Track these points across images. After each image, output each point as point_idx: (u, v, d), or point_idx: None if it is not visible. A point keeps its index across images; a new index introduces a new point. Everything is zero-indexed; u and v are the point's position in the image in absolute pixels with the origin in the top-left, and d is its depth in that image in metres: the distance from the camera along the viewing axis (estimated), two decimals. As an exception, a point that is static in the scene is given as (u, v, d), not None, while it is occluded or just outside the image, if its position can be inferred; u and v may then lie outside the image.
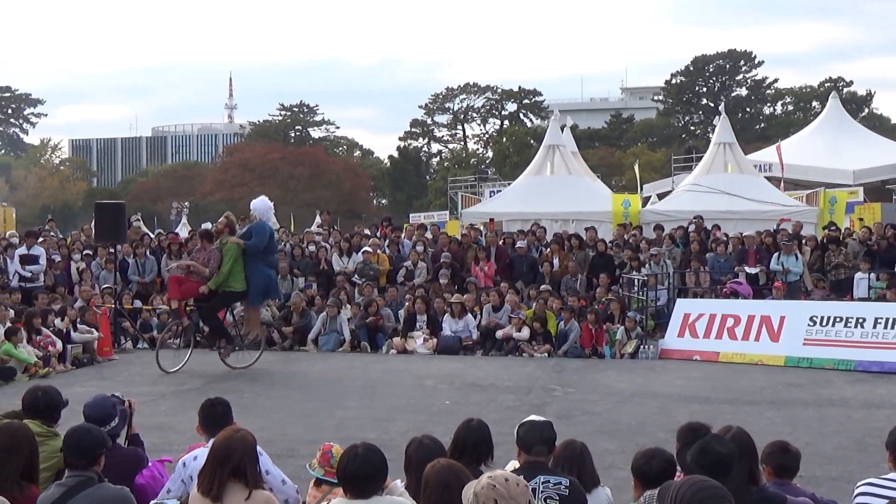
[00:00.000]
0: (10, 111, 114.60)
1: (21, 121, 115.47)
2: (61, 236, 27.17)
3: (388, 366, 18.41)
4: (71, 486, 5.59)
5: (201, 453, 6.20)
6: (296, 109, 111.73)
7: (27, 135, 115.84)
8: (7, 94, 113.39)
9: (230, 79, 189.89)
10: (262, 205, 17.49)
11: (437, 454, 5.52)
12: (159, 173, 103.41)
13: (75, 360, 18.18)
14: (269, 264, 17.76)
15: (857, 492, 5.95)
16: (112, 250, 22.07)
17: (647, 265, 22.00)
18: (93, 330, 18.87)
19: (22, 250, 21.55)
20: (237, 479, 5.50)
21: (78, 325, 18.75)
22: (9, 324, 17.31)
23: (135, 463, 6.84)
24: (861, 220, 29.46)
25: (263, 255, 17.16)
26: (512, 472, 5.37)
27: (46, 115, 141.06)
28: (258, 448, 6.20)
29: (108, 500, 5.59)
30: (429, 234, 25.16)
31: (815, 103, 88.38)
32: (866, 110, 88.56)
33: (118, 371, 17.55)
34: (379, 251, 23.09)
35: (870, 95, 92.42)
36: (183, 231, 34.32)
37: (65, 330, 18.31)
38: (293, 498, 6.50)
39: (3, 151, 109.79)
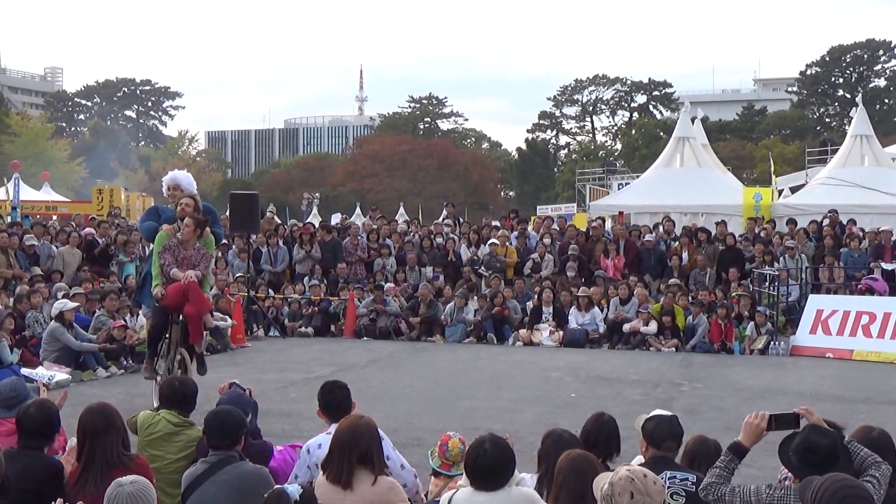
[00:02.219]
0: (149, 104, 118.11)
1: (160, 113, 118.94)
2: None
3: (513, 357, 18.46)
4: (213, 463, 5.98)
5: (325, 440, 6.35)
6: (425, 101, 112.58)
7: (165, 127, 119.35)
8: (147, 88, 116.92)
9: (361, 71, 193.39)
10: (191, 180, 13.23)
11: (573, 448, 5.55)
12: (291, 164, 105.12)
13: (209, 346, 18.60)
14: None
15: None
16: (246, 240, 22.59)
17: (780, 259, 21.59)
18: (226, 317, 19.34)
19: (160, 239, 22.23)
20: (364, 465, 5.61)
21: (213, 313, 19.22)
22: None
23: (264, 456, 7.02)
24: None
25: None
26: (639, 466, 5.39)
27: (184, 108, 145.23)
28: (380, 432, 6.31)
29: (248, 476, 5.94)
30: (555, 227, 25.11)
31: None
32: None
33: (250, 358, 17.98)
34: (507, 243, 23.14)
35: None
36: (314, 221, 34.87)
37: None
38: (412, 482, 6.59)
39: (143, 143, 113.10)
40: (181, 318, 11.77)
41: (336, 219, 35.19)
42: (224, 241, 23.64)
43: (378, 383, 14.94)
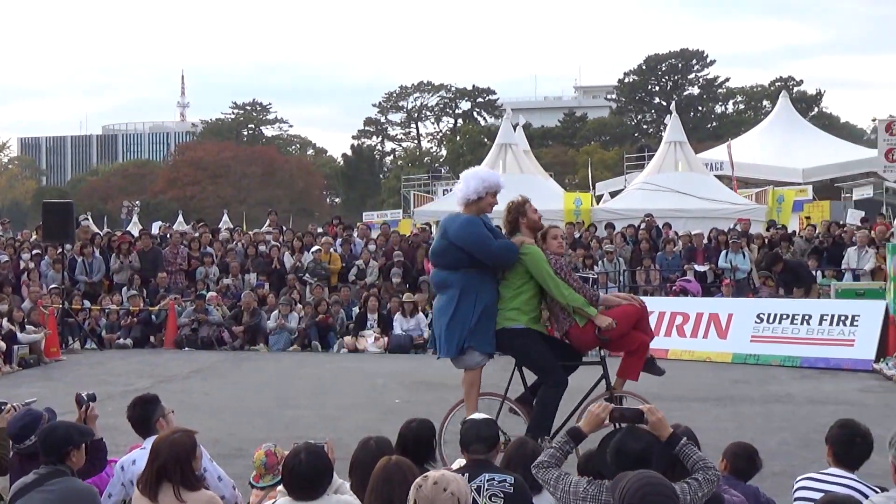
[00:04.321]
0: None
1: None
2: (11, 235, 26.95)
3: (338, 365, 18.39)
4: (42, 475, 5.91)
5: (139, 455, 6.25)
6: (249, 108, 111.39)
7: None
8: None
9: (182, 77, 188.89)
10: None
11: (379, 456, 5.54)
12: (110, 172, 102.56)
13: (22, 360, 17.95)
14: None
15: (796, 486, 5.98)
16: (60, 250, 21.87)
17: (600, 263, 22.12)
18: (39, 330, 18.66)
19: (-32, 250, 21.38)
20: (168, 480, 5.53)
21: (25, 326, 18.55)
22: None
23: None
24: (808, 218, 29.69)
25: None
26: (457, 469, 5.41)
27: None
28: None
29: (76, 491, 5.88)
30: (374, 234, 25.18)
31: (765, 102, 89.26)
32: (816, 109, 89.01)
33: (65, 372, 17.37)
34: (331, 250, 23.04)
35: (819, 94, 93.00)
36: (134, 230, 34.02)
37: (11, 330, 18.09)
38: (230, 494, 6.50)
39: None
40: (602, 352, 9.94)
41: (157, 227, 34.37)
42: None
43: (200, 394, 14.65)
